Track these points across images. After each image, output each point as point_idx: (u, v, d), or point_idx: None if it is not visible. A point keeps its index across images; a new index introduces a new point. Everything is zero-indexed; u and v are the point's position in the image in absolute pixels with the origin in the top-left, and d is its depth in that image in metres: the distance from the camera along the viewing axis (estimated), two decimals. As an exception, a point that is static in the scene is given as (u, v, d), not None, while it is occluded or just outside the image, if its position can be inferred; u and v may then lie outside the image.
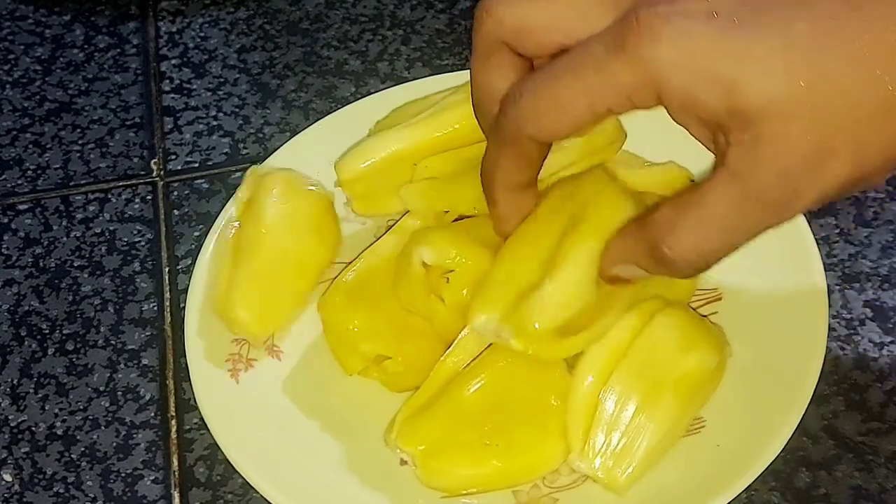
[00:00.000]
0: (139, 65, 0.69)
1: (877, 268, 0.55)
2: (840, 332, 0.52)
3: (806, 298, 0.49)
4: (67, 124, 0.66)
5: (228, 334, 0.51)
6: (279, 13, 0.71)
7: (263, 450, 0.47)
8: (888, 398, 0.50)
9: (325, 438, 0.49)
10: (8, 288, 0.58)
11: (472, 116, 0.52)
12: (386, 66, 0.67)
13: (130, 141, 0.64)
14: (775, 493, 0.47)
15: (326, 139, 0.58)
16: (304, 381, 0.51)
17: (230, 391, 0.50)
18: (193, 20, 0.71)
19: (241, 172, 0.60)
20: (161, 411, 0.53)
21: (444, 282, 0.47)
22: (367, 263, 0.51)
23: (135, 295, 0.57)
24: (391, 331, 0.49)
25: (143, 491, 0.50)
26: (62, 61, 0.69)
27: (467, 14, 0.69)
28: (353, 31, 0.69)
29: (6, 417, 0.53)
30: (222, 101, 0.66)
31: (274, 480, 0.46)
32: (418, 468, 0.46)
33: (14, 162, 0.64)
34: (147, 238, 0.60)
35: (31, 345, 0.56)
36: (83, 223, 0.61)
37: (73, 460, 0.51)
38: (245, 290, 0.50)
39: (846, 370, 0.51)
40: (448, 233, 0.49)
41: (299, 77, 0.67)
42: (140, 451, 0.51)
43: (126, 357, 0.55)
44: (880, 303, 0.53)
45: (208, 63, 0.68)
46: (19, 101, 0.67)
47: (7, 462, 0.51)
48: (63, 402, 0.53)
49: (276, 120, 0.65)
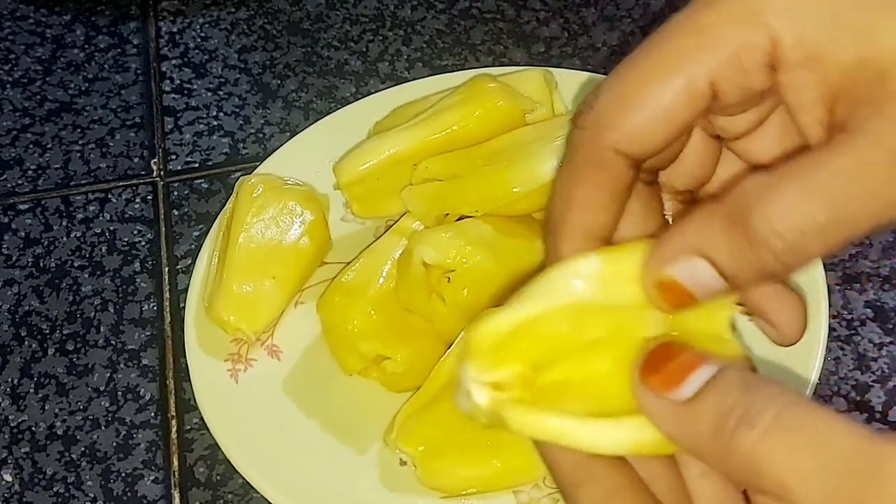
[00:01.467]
0: (140, 65, 0.69)
1: (877, 268, 0.55)
2: (840, 332, 0.52)
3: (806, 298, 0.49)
4: (68, 124, 0.66)
5: (227, 334, 0.51)
6: (280, 13, 0.71)
7: (263, 450, 0.47)
8: (889, 398, 0.50)
9: (325, 438, 0.49)
10: (8, 288, 0.58)
11: (471, 117, 0.53)
12: (386, 67, 0.67)
13: (131, 141, 0.64)
14: (775, 494, 0.47)
15: (327, 139, 0.58)
16: (303, 381, 0.51)
17: (230, 391, 0.50)
18: (194, 20, 0.71)
19: (241, 173, 0.60)
20: (161, 411, 0.53)
21: (445, 281, 0.47)
22: (366, 263, 0.51)
23: (135, 295, 0.57)
24: (391, 331, 0.49)
25: (143, 491, 0.50)
26: (63, 61, 0.69)
27: (467, 14, 0.69)
28: (354, 32, 0.69)
29: (6, 417, 0.53)
30: (223, 102, 0.66)
31: (274, 480, 0.46)
32: (418, 468, 0.46)
33: (14, 162, 0.64)
34: (147, 238, 0.60)
35: (32, 345, 0.56)
36: (83, 223, 0.61)
37: (73, 460, 0.51)
38: (228, 292, 0.50)
39: (847, 370, 0.51)
40: (449, 233, 0.49)
41: (300, 77, 0.67)
42: (140, 451, 0.51)
43: (126, 357, 0.55)
44: (881, 303, 0.53)
45: (209, 63, 0.68)
46: (20, 100, 0.67)
47: (7, 462, 0.51)
48: (63, 402, 0.53)
49: (277, 120, 0.65)
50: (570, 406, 0.28)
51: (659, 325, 0.29)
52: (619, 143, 0.29)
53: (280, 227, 0.52)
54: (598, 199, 0.30)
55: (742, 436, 0.24)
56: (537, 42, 0.67)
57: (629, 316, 0.29)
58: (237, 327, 0.50)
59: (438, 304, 0.48)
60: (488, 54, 0.67)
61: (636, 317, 0.29)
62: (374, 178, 0.53)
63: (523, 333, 0.29)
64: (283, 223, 0.52)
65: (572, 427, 0.28)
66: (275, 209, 0.52)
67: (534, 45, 0.67)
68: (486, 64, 0.66)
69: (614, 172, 0.29)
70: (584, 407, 0.28)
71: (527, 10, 0.69)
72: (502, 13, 0.69)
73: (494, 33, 0.68)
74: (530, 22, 0.68)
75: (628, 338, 0.29)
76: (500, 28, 0.68)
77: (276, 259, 0.52)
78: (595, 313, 0.29)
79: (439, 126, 0.53)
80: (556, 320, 0.29)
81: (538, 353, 0.29)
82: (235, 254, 0.51)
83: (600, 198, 0.30)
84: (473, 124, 0.53)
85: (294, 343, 0.52)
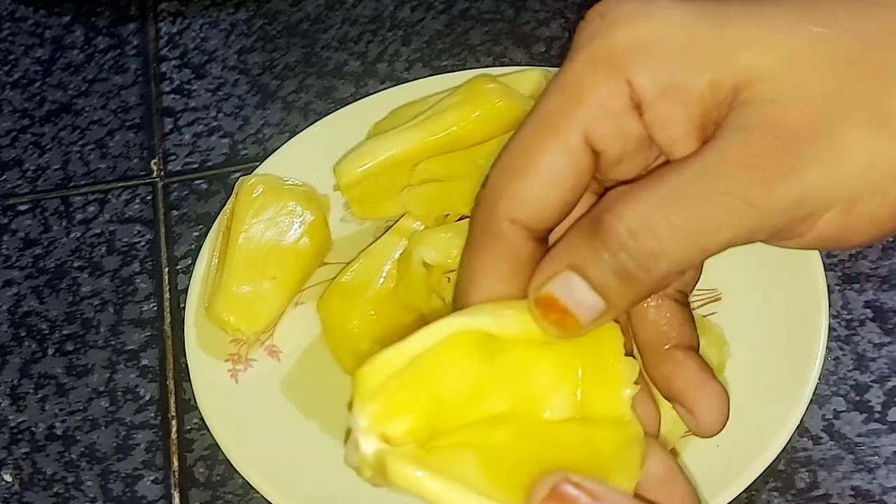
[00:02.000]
0: (139, 66, 0.69)
1: (877, 268, 0.55)
2: (840, 332, 0.52)
3: (806, 298, 0.49)
4: (67, 125, 0.66)
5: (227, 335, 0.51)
6: (279, 14, 0.71)
7: (263, 450, 0.47)
8: (888, 398, 0.50)
9: (325, 438, 0.49)
10: (7, 288, 0.58)
11: (470, 117, 0.53)
12: (385, 67, 0.67)
13: (130, 142, 0.64)
14: (775, 493, 0.47)
15: (326, 140, 0.58)
16: (303, 381, 0.51)
17: (230, 391, 0.50)
18: (193, 21, 0.71)
19: (241, 173, 0.60)
20: (161, 411, 0.53)
21: (445, 281, 0.47)
22: (366, 264, 0.51)
23: (134, 295, 0.57)
24: (391, 331, 0.49)
25: (142, 491, 0.50)
26: (62, 62, 0.69)
27: (466, 15, 0.69)
28: (353, 33, 0.69)
29: (6, 418, 0.53)
30: (222, 102, 0.66)
31: (274, 480, 0.46)
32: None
33: (14, 163, 0.64)
34: (146, 239, 0.60)
35: (31, 345, 0.56)
36: (83, 224, 0.61)
37: (72, 460, 0.51)
38: (227, 292, 0.50)
39: (846, 371, 0.51)
40: (449, 233, 0.49)
41: (299, 78, 0.67)
42: (140, 451, 0.51)
43: (126, 357, 0.55)
44: (880, 303, 0.53)
45: (208, 64, 0.68)
46: (19, 101, 0.67)
47: (7, 462, 0.51)
48: (62, 402, 0.53)
49: (276, 121, 0.65)
50: (464, 471, 0.27)
51: (564, 405, 0.28)
52: (511, 212, 0.28)
53: (280, 228, 0.52)
54: (497, 271, 0.29)
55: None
56: (537, 42, 0.67)
57: (533, 389, 0.28)
58: (237, 328, 0.50)
59: (439, 303, 0.48)
60: (488, 55, 0.67)
61: (541, 391, 0.28)
62: (373, 179, 0.53)
63: (421, 387, 0.27)
64: (283, 223, 0.52)
65: (454, 494, 0.26)
66: (274, 209, 0.52)
67: (534, 45, 0.67)
68: (485, 64, 0.66)
69: (511, 243, 0.29)
70: (479, 475, 0.27)
71: (526, 10, 0.69)
72: (501, 13, 0.69)
73: (494, 34, 0.68)
74: (530, 22, 0.68)
75: (530, 414, 0.28)
76: (500, 28, 0.68)
77: (276, 259, 0.52)
78: (498, 382, 0.28)
79: (439, 127, 0.53)
80: (455, 379, 0.28)
81: (436, 413, 0.27)
82: (235, 254, 0.51)
83: (499, 269, 0.29)
84: (473, 125, 0.53)
85: (294, 343, 0.52)
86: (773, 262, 0.50)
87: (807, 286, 0.49)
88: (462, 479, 0.26)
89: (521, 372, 0.28)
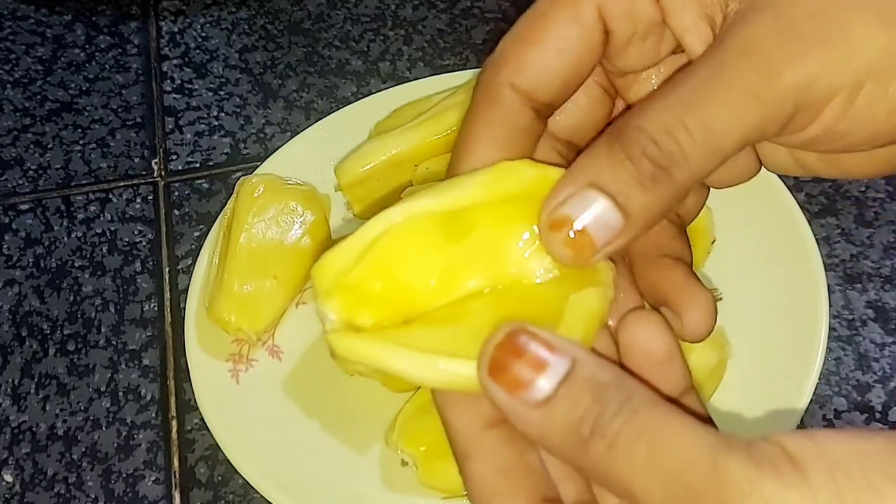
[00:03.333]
0: (140, 65, 0.69)
1: (879, 268, 0.55)
2: (841, 332, 0.52)
3: (806, 299, 0.49)
4: (68, 124, 0.66)
5: (228, 334, 0.51)
6: (281, 13, 0.71)
7: (264, 450, 0.47)
8: (889, 399, 0.50)
9: (325, 438, 0.49)
10: (9, 288, 0.58)
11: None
12: (387, 66, 0.67)
13: (131, 141, 0.64)
14: (776, 494, 0.47)
15: (328, 139, 0.58)
16: (304, 381, 0.51)
17: (231, 391, 0.50)
18: (195, 20, 0.71)
19: (242, 173, 0.60)
20: (162, 411, 0.53)
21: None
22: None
23: (136, 295, 0.57)
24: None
25: (143, 491, 0.50)
26: (63, 61, 0.69)
27: (469, 14, 0.69)
28: (355, 31, 0.69)
29: (7, 418, 0.53)
30: (223, 101, 0.66)
31: (274, 480, 0.46)
32: (419, 469, 0.46)
33: (15, 162, 0.64)
34: (148, 238, 0.60)
35: (32, 345, 0.56)
36: (84, 223, 0.61)
37: (73, 461, 0.51)
38: (229, 292, 0.50)
39: (848, 371, 0.51)
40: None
41: (301, 77, 0.67)
42: (141, 451, 0.51)
43: (127, 357, 0.55)
44: (882, 303, 0.53)
45: (210, 63, 0.68)
46: (20, 100, 0.67)
47: (8, 462, 0.51)
48: (64, 402, 0.53)
49: (278, 120, 0.65)
50: (433, 341, 0.26)
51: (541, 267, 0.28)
52: (514, 77, 0.29)
53: (281, 227, 0.52)
54: (491, 136, 0.29)
55: (595, 445, 0.24)
56: (538, 42, 0.67)
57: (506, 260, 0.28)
58: (238, 327, 0.50)
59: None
60: (490, 54, 0.66)
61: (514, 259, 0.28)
62: (375, 179, 0.53)
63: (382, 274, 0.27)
64: (285, 223, 0.52)
65: (401, 355, 0.25)
66: (276, 209, 0.52)
67: (535, 45, 0.67)
68: (487, 64, 0.66)
69: (509, 108, 0.29)
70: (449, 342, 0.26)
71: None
72: (504, 12, 0.69)
73: (496, 33, 0.68)
74: (531, 21, 0.68)
75: (505, 281, 0.28)
76: (502, 27, 0.68)
77: (278, 259, 0.52)
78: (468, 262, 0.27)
79: (440, 126, 0.53)
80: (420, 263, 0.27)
81: (405, 300, 0.27)
82: (236, 254, 0.51)
83: (494, 135, 0.29)
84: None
85: (295, 343, 0.52)
86: (773, 262, 0.50)
87: (807, 286, 0.49)
88: (429, 347, 0.26)
89: (490, 246, 0.28)
